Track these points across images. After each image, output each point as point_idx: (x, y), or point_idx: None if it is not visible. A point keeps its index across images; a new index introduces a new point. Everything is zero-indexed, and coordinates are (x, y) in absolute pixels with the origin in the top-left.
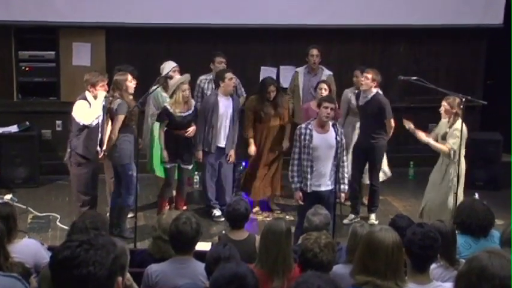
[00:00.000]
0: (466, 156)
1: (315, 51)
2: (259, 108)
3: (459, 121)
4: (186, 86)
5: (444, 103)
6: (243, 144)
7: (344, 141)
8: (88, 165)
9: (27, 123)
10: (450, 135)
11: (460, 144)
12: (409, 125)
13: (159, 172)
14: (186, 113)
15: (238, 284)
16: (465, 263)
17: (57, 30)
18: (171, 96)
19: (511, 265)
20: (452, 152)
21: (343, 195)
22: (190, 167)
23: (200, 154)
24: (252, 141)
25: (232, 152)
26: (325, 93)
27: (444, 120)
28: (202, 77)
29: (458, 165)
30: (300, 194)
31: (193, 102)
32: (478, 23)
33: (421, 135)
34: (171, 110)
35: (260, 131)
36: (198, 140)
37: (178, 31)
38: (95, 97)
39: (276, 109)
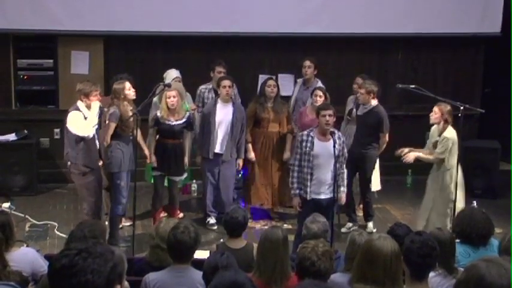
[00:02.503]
0: (462, 164)
1: (307, 62)
2: (258, 112)
3: (449, 129)
4: (172, 93)
5: (436, 109)
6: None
7: (346, 149)
8: (93, 173)
9: (25, 131)
10: (439, 143)
11: (447, 151)
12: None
13: (150, 179)
14: (176, 122)
15: None
16: (463, 271)
17: (56, 39)
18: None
19: (510, 273)
20: (446, 160)
21: (343, 196)
22: (178, 179)
23: (199, 159)
24: (249, 146)
25: (240, 161)
26: (320, 100)
27: (435, 128)
28: (202, 87)
29: (456, 171)
30: (299, 200)
31: (186, 112)
32: (475, 31)
33: (411, 156)
34: (160, 117)
35: (259, 137)
36: (198, 146)
37: (177, 39)
38: (88, 107)
39: (275, 114)
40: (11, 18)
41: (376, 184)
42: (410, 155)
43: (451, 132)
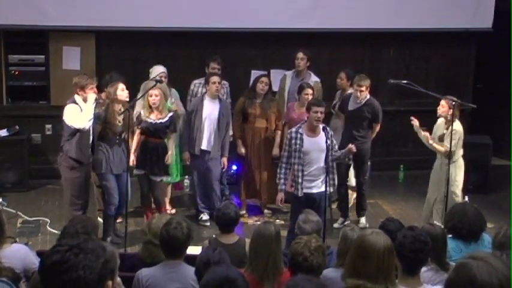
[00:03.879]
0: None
1: (300, 54)
2: (246, 107)
3: (457, 122)
4: (154, 91)
5: (443, 102)
6: (233, 145)
7: (335, 142)
8: (81, 169)
9: (17, 127)
10: (448, 136)
11: (453, 145)
12: (416, 123)
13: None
14: (158, 121)
15: (229, 287)
16: (453, 270)
17: (47, 34)
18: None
19: (498, 272)
20: (452, 152)
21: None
22: (159, 179)
23: (186, 155)
24: (239, 142)
25: (224, 159)
26: (309, 97)
27: (440, 121)
28: (196, 81)
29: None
30: (282, 195)
31: (168, 112)
32: (467, 27)
33: (425, 135)
34: (142, 116)
35: (247, 132)
36: (183, 142)
37: (168, 35)
38: (85, 100)
39: (262, 110)
40: (2, 14)
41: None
42: (417, 126)
43: (458, 125)
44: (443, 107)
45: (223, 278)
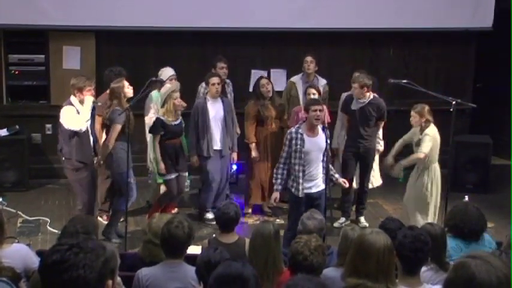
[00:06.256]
0: (453, 159)
1: (309, 58)
2: (262, 113)
3: (431, 127)
4: (177, 94)
5: (413, 113)
6: (240, 147)
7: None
8: (86, 169)
9: (17, 126)
10: (422, 140)
11: (428, 148)
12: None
13: (160, 179)
14: (178, 122)
15: (240, 285)
16: (452, 270)
17: (47, 34)
18: (162, 106)
19: (497, 270)
20: (427, 158)
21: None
22: (187, 174)
23: (195, 159)
24: (254, 146)
25: (234, 155)
26: (313, 97)
27: (416, 129)
28: (204, 83)
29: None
30: (278, 195)
31: (179, 112)
32: (467, 26)
33: (397, 169)
34: (165, 120)
35: (263, 135)
36: (190, 146)
37: (169, 34)
38: (81, 102)
39: (275, 110)
40: (1, 13)
41: (377, 179)
42: (396, 168)
43: (432, 130)
44: (415, 117)
45: (237, 274)
